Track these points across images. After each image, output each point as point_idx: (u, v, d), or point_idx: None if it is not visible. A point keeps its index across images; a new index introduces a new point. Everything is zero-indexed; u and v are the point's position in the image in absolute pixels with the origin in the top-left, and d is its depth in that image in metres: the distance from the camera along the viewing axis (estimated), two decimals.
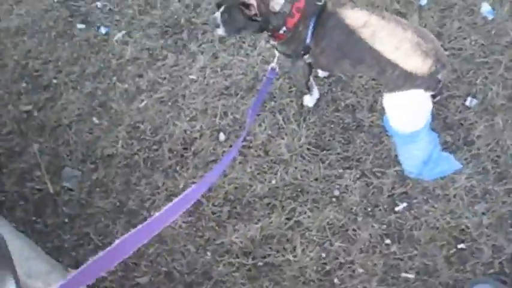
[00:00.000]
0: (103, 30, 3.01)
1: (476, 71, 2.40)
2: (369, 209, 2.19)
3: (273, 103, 2.50)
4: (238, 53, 2.71)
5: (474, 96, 2.34)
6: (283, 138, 2.39)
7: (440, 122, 2.30)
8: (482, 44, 2.46)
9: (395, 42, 1.71)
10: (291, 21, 1.82)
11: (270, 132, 2.43)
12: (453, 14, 2.57)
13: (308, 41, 1.86)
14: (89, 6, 3.15)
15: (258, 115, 2.47)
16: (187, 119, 2.57)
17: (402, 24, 1.75)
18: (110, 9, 3.10)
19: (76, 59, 2.95)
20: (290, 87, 2.53)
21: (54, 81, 2.88)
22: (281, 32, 1.87)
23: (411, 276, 2.03)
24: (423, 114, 1.90)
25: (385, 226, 2.15)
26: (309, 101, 2.42)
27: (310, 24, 1.83)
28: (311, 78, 2.26)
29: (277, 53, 2.06)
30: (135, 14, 3.02)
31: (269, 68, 2.03)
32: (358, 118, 2.39)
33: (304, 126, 2.40)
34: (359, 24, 1.76)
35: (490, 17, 2.51)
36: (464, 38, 2.50)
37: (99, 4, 3.13)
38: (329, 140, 2.37)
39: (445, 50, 2.45)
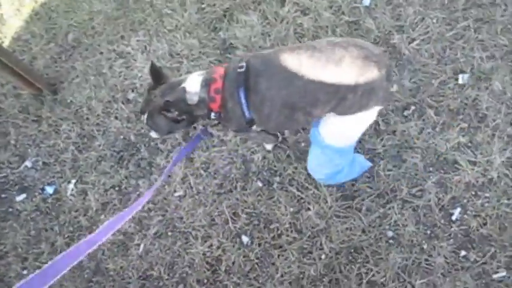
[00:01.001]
0: (49, 189, 2.73)
1: (451, 46, 2.44)
2: (429, 232, 2.17)
3: (278, 178, 2.40)
4: (213, 143, 2.56)
5: (462, 72, 2.38)
6: (309, 209, 2.30)
7: (445, 111, 2.30)
8: (444, 18, 2.50)
9: (344, 65, 1.58)
10: (214, 105, 1.73)
11: (291, 209, 2.32)
12: (401, 1, 2.58)
13: (247, 114, 1.74)
14: (17, 171, 2.85)
15: (271, 198, 2.36)
16: (199, 240, 2.39)
17: (338, 44, 1.61)
18: (43, 162, 2.83)
19: (37, 237, 2.66)
20: (286, 153, 2.43)
21: (24, 272, 2.57)
22: (212, 117, 1.77)
23: (503, 274, 2.05)
24: (361, 131, 1.85)
25: (452, 240, 2.14)
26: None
27: (241, 97, 1.70)
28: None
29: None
30: (76, 156, 2.77)
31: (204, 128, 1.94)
32: (370, 148, 2.34)
33: (322, 185, 2.31)
34: (294, 68, 1.63)
35: None
36: (424, 19, 2.52)
37: (28, 164, 2.84)
38: (353, 185, 2.31)
39: (414, 40, 2.47)
